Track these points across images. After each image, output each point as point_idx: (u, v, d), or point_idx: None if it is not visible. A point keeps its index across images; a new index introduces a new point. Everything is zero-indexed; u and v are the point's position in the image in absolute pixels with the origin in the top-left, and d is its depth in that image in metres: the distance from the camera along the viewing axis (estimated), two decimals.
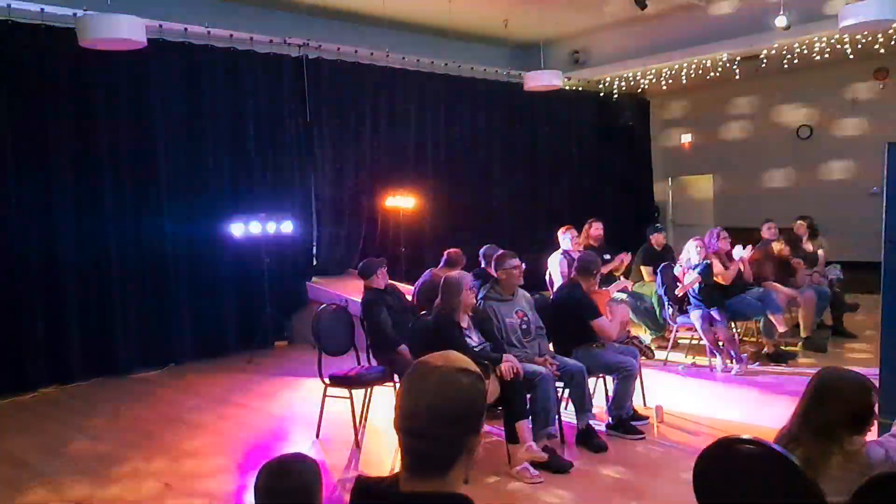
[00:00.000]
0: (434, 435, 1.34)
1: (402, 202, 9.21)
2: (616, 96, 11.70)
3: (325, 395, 5.02)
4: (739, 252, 6.55)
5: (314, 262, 8.78)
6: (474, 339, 4.50)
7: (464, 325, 4.51)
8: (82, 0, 6.01)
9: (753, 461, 2.04)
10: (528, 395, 4.37)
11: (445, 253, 6.18)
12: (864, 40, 9.02)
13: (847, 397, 2.20)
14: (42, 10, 6.34)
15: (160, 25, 6.94)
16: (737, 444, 2.10)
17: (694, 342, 6.79)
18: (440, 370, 1.39)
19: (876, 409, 2.32)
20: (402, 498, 1.36)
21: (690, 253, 6.33)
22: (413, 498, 1.35)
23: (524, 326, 4.74)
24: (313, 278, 8.57)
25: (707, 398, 5.68)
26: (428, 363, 1.43)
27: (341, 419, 5.02)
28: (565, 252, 7.31)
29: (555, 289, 7.06)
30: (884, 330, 3.31)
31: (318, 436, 5.06)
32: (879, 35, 8.75)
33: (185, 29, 7.24)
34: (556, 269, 7.31)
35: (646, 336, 7.17)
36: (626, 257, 7.19)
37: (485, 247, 6.36)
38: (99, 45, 5.56)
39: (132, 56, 6.27)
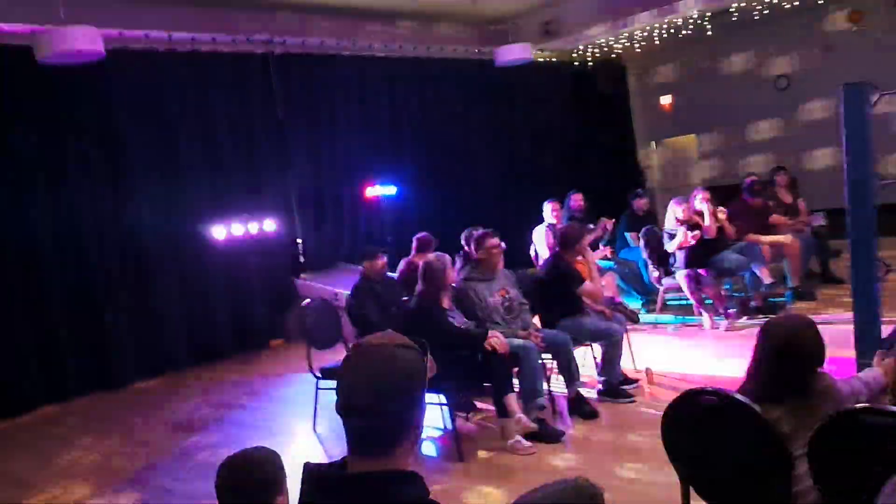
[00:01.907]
0: (378, 411, 1.34)
1: (383, 191, 9.20)
2: (591, 64, 11.63)
3: (317, 388, 5.06)
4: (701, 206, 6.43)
5: (301, 259, 8.77)
6: (457, 320, 4.52)
7: (446, 306, 4.53)
8: (38, 15, 5.95)
9: (717, 412, 2.06)
10: (516, 370, 4.40)
11: (415, 239, 6.18)
12: None
13: (805, 343, 2.23)
14: None
15: (120, 33, 6.86)
16: (699, 395, 2.13)
17: (682, 302, 6.81)
18: (380, 348, 1.41)
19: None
20: (349, 479, 1.36)
21: (676, 213, 6.36)
22: (360, 478, 1.35)
23: (506, 304, 4.76)
24: (302, 275, 8.56)
25: (697, 357, 5.72)
26: (368, 342, 1.45)
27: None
28: (550, 226, 7.34)
29: (541, 262, 7.11)
30: (854, 274, 3.33)
31: (314, 428, 5.10)
32: None
33: (146, 35, 7.16)
34: (541, 243, 7.35)
35: (635, 300, 7.20)
36: (608, 224, 7.21)
37: (466, 230, 6.36)
38: (57, 60, 5.52)
39: (95, 67, 6.21)
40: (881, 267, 3.37)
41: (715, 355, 5.68)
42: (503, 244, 4.90)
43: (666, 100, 13.26)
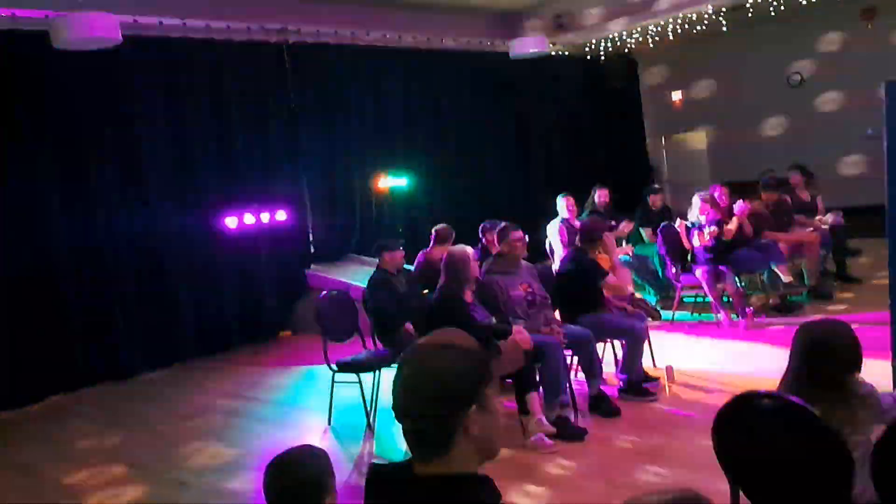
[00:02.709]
0: (420, 414, 1.32)
1: (395, 182, 9.13)
2: (603, 58, 11.54)
3: (333, 382, 5.00)
4: (738, 207, 6.49)
5: (311, 250, 8.71)
6: (479, 314, 4.46)
7: (468, 300, 4.47)
8: (54, 1, 5.87)
9: (774, 415, 2.01)
10: (538, 366, 4.35)
11: (434, 231, 6.11)
12: None
13: (843, 345, 2.23)
14: (13, 14, 6.19)
15: (134, 20, 6.78)
16: (755, 399, 2.07)
17: (699, 300, 6.76)
18: (428, 349, 1.38)
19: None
20: (417, 481, 1.34)
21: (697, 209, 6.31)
22: (426, 481, 1.32)
23: (529, 298, 4.70)
24: (312, 266, 8.50)
25: (716, 354, 5.67)
26: (419, 343, 1.42)
27: (352, 404, 5.01)
28: (564, 220, 7.27)
29: (555, 256, 7.05)
30: (892, 273, 3.26)
31: (329, 423, 5.05)
32: None
33: (160, 22, 7.08)
34: (555, 237, 7.28)
35: (650, 297, 7.14)
36: (627, 226, 7.15)
37: (484, 222, 6.30)
38: (74, 46, 5.44)
39: (110, 54, 6.13)
40: None
41: (734, 353, 5.63)
42: (526, 237, 4.83)
43: (677, 95, 13.19)
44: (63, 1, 5.86)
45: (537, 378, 4.34)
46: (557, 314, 5.04)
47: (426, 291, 5.12)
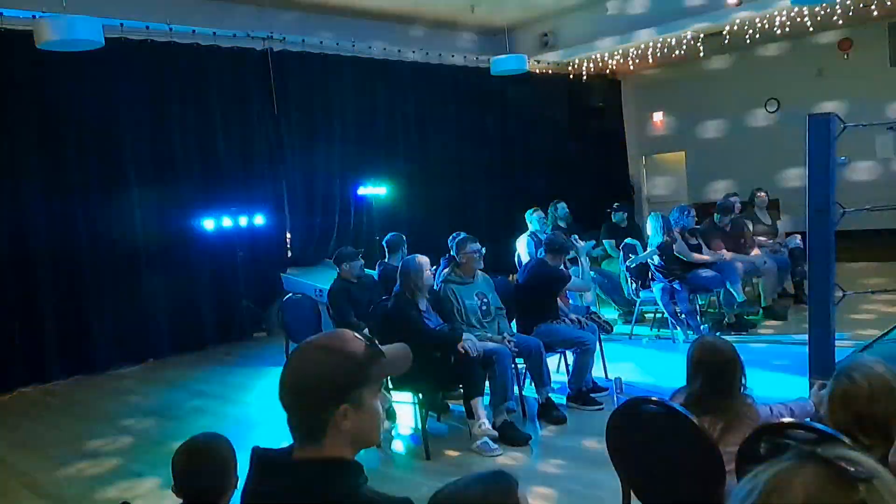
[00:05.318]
0: (287, 407, 1.43)
1: (374, 191, 9.31)
2: (585, 78, 11.78)
3: None
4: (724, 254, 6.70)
5: (289, 254, 8.87)
6: (433, 322, 4.64)
7: (422, 307, 4.65)
8: (40, 1, 6.05)
9: (656, 419, 2.19)
10: (487, 373, 4.52)
11: (384, 243, 6.27)
12: (822, 12, 9.15)
13: (737, 361, 2.41)
14: (0, 13, 6.36)
15: (121, 24, 6.97)
16: (643, 403, 2.26)
17: (658, 315, 6.95)
18: (305, 348, 1.49)
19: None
20: (292, 464, 1.45)
21: (652, 229, 6.51)
22: (302, 464, 1.43)
23: (484, 308, 4.89)
24: (288, 269, 8.66)
25: (667, 369, 5.83)
26: (304, 342, 1.51)
27: None
28: (533, 233, 7.46)
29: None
30: (811, 293, 3.47)
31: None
32: (837, 7, 8.90)
33: (147, 27, 7.27)
34: (524, 251, 7.46)
35: (613, 310, 7.33)
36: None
37: (453, 235, 6.46)
38: (57, 47, 5.61)
39: (95, 56, 6.31)
40: (837, 291, 3.52)
41: (685, 369, 5.80)
42: (483, 249, 5.02)
43: (657, 116, 13.46)
44: (53, 2, 6.04)
45: (486, 384, 4.51)
46: (514, 324, 5.23)
47: (385, 298, 5.29)
